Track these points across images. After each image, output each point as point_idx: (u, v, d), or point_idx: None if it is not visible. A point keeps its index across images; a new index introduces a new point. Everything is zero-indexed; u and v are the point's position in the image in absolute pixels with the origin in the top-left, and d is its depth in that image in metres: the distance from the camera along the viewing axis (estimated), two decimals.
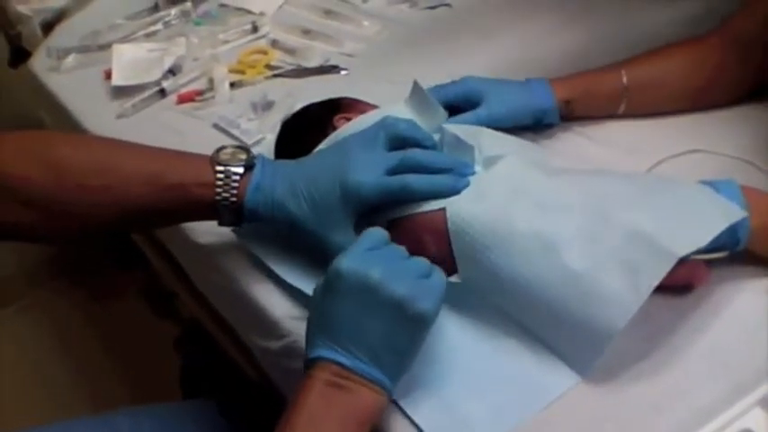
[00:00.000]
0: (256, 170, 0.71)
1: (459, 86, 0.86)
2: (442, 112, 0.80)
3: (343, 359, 0.59)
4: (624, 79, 0.87)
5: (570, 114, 0.89)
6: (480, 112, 0.84)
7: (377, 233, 0.64)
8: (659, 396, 0.63)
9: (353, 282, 0.59)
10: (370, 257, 0.61)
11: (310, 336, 0.62)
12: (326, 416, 0.58)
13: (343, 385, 0.59)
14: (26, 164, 0.69)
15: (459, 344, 0.68)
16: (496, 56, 1.02)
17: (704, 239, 0.63)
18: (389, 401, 0.61)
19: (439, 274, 0.62)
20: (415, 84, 0.81)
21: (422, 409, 0.64)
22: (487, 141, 0.76)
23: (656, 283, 0.62)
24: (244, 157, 0.71)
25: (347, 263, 0.60)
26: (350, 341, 0.59)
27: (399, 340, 0.60)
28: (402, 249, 0.64)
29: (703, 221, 0.64)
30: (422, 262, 0.63)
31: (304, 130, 0.85)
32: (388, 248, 0.63)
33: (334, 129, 0.81)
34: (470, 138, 0.74)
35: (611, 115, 0.90)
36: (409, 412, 0.64)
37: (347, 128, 0.79)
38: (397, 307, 0.59)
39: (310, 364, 0.60)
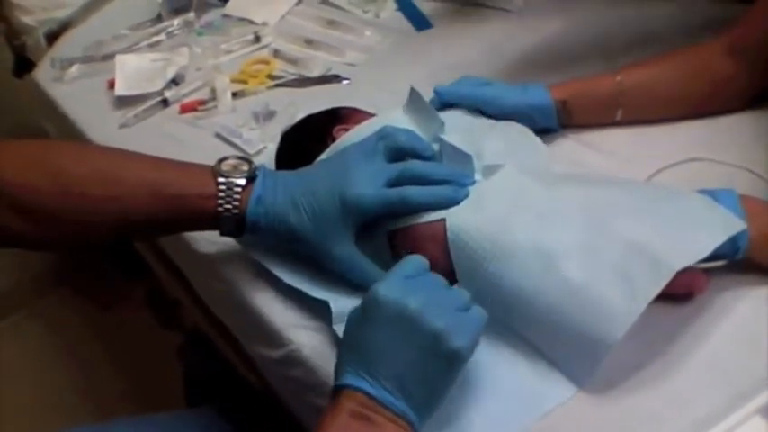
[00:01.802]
0: (257, 182, 0.71)
1: (456, 84, 0.88)
2: (440, 119, 0.80)
3: (370, 389, 0.57)
4: (619, 83, 0.86)
5: (568, 118, 0.88)
6: (481, 89, 0.86)
7: (416, 260, 0.62)
8: (659, 405, 0.63)
9: (390, 311, 0.58)
10: (408, 286, 0.59)
11: (340, 361, 0.60)
12: None
13: (369, 417, 0.57)
14: (29, 172, 0.70)
15: None
16: (497, 64, 1.02)
17: (703, 252, 0.63)
18: None
19: (478, 309, 0.61)
20: (413, 91, 0.81)
21: None
22: (489, 144, 0.76)
23: (653, 295, 0.61)
24: (245, 168, 0.72)
25: (385, 291, 0.58)
26: (379, 371, 0.57)
27: (431, 375, 0.58)
28: (441, 278, 0.62)
29: (703, 233, 0.64)
30: (461, 294, 0.61)
31: (304, 142, 0.85)
32: (428, 277, 0.61)
33: (334, 140, 0.81)
34: (471, 144, 0.74)
35: (610, 122, 0.89)
36: None
37: (346, 138, 0.79)
38: (432, 341, 0.57)
39: (337, 391, 0.58)
